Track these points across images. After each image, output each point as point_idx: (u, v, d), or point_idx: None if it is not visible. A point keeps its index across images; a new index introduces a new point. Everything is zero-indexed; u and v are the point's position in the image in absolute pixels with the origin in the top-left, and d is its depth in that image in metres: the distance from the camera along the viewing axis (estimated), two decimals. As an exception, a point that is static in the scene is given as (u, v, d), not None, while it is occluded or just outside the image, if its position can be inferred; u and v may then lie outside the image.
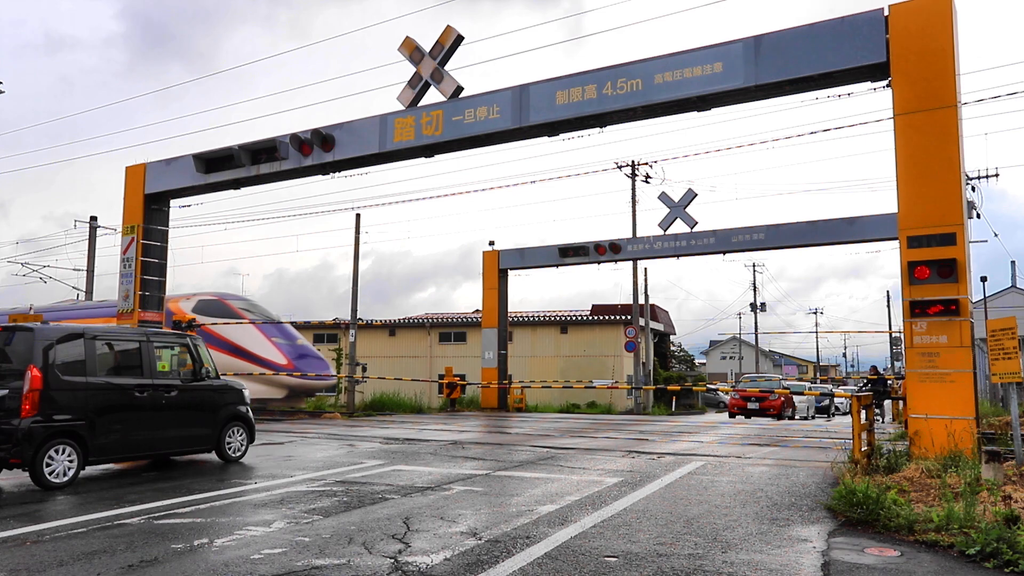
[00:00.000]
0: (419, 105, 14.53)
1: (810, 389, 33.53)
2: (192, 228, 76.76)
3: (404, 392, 28.07)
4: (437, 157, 15.21)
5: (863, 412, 9.61)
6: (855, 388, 33.38)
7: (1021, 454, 8.07)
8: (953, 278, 9.61)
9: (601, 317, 37.34)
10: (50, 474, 8.58)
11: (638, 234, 29.63)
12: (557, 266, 27.83)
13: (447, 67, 14.26)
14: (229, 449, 10.94)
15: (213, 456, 11.10)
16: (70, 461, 8.80)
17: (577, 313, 39.88)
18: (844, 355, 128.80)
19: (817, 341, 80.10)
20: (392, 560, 5.29)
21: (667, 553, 5.51)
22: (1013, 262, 34.82)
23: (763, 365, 74.25)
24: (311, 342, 28.43)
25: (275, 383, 22.86)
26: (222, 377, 11.28)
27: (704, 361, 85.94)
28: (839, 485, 7.34)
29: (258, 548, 5.65)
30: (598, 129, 13.50)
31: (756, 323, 60.55)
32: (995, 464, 7.50)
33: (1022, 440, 8.09)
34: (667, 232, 25.25)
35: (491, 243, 29.00)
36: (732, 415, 26.94)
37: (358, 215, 24.73)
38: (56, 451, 8.67)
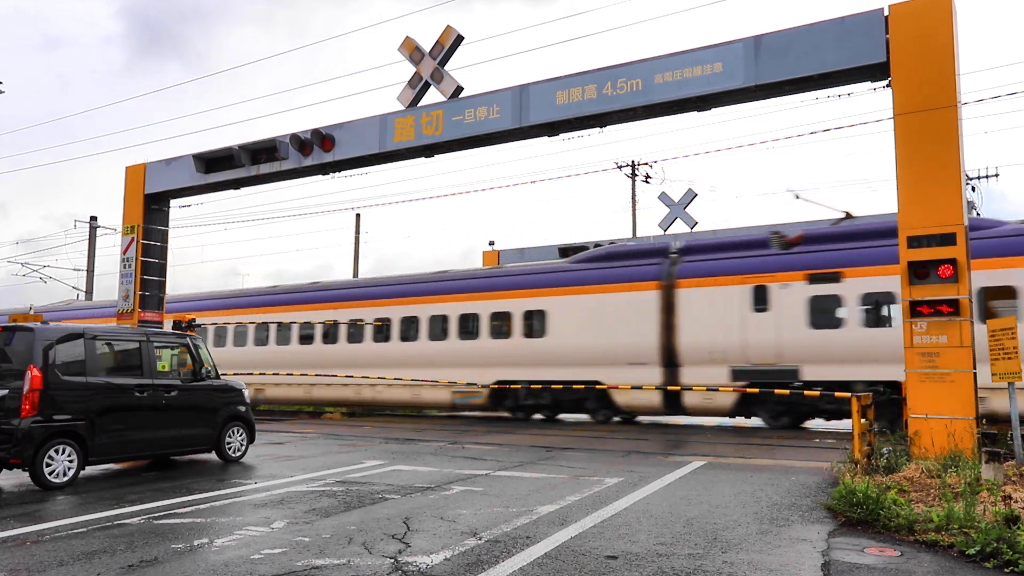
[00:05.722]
0: (419, 105, 14.52)
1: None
2: (192, 228, 76.77)
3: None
4: (437, 157, 15.19)
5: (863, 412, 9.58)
6: None
7: (1021, 454, 8.07)
8: (953, 278, 9.60)
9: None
10: (50, 474, 8.58)
11: (638, 234, 29.63)
12: (557, 266, 27.80)
13: (447, 67, 14.26)
14: (229, 449, 10.94)
15: (213, 456, 11.10)
16: (70, 461, 8.80)
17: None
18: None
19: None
20: (392, 560, 5.29)
21: (667, 553, 5.51)
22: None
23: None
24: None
25: None
26: (222, 377, 11.30)
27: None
28: (839, 485, 7.34)
29: (258, 548, 5.65)
30: (598, 129, 13.47)
31: (756, 323, 60.30)
32: (995, 464, 7.50)
33: (1022, 440, 8.09)
34: (667, 232, 25.25)
35: (491, 243, 29.02)
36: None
37: (358, 215, 24.85)
38: (56, 451, 8.67)
